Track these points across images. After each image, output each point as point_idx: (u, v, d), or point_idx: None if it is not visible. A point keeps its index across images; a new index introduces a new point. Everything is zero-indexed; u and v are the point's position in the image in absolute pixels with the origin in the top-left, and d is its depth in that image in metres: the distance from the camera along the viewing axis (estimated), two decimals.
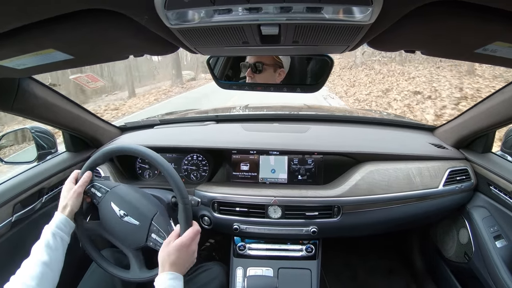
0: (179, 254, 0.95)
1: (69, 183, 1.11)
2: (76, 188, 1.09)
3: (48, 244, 0.95)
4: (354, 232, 1.49)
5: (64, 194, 1.09)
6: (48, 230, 0.99)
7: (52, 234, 0.98)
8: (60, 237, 0.99)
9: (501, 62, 0.74)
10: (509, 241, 1.29)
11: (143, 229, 1.07)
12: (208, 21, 0.54)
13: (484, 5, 0.47)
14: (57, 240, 0.98)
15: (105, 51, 0.77)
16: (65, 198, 1.08)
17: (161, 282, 0.91)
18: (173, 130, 1.69)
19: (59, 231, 1.00)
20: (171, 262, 0.94)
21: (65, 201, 1.07)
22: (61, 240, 0.99)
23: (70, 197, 1.07)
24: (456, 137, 1.51)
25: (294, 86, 1.07)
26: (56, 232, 0.99)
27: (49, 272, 0.91)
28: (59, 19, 0.52)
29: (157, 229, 1.06)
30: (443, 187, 1.38)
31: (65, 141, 1.56)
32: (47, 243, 0.95)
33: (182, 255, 0.96)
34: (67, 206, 1.06)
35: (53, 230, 0.99)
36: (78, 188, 1.09)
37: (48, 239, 0.96)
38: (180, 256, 0.95)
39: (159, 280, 0.92)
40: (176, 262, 0.94)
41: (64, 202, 1.07)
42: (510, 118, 1.19)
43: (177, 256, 0.95)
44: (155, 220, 1.08)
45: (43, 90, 1.18)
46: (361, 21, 0.52)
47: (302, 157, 1.47)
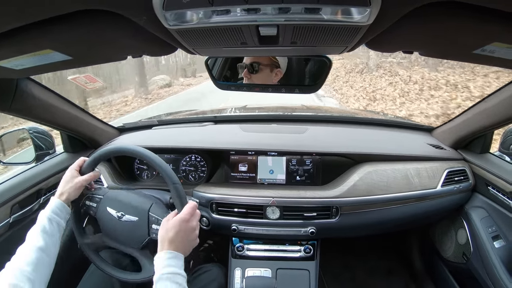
0: (177, 229, 0.93)
1: (72, 170, 1.09)
2: (81, 180, 1.07)
3: (44, 229, 0.93)
4: (352, 233, 1.49)
5: (66, 180, 1.07)
6: (44, 215, 0.97)
7: (48, 219, 0.96)
8: (56, 222, 0.97)
9: (499, 63, 0.75)
10: (507, 242, 1.29)
11: (143, 222, 1.08)
12: (206, 22, 0.54)
13: (482, 6, 0.47)
14: (53, 225, 0.96)
15: (103, 51, 0.77)
16: (66, 184, 1.06)
17: (159, 261, 0.89)
18: (172, 131, 1.69)
19: (55, 216, 0.98)
20: (169, 239, 0.92)
21: (65, 188, 1.05)
22: (57, 225, 0.97)
23: (71, 186, 1.05)
24: (454, 137, 1.51)
25: (292, 87, 1.08)
26: (52, 217, 0.97)
27: (45, 258, 0.89)
28: (57, 19, 0.52)
29: (155, 218, 1.07)
30: (441, 188, 1.38)
31: (63, 142, 1.55)
32: (43, 228, 0.93)
33: (181, 231, 0.93)
34: (65, 193, 1.04)
35: (49, 215, 0.97)
36: (83, 181, 1.08)
37: (44, 224, 0.94)
38: (179, 233, 0.93)
39: (157, 259, 0.90)
40: (174, 239, 0.92)
41: (63, 189, 1.05)
42: (508, 118, 1.19)
43: (176, 232, 0.93)
44: (152, 211, 1.08)
45: (41, 91, 1.18)
46: (359, 22, 0.53)
47: (300, 158, 1.47)
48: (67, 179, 1.07)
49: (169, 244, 0.92)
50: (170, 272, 0.86)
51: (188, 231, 0.95)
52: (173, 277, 0.86)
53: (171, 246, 0.91)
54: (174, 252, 0.91)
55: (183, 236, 0.94)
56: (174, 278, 0.86)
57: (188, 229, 0.95)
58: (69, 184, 1.06)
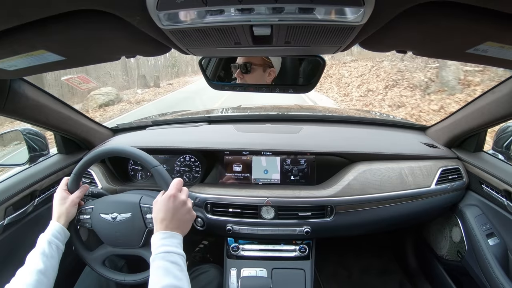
0: (167, 207, 0.94)
1: (61, 191, 1.11)
2: (74, 198, 1.10)
3: (44, 252, 0.95)
4: (347, 232, 1.49)
5: (59, 203, 1.08)
6: (44, 238, 0.99)
7: (48, 242, 0.98)
8: (55, 245, 0.99)
9: (492, 62, 0.75)
10: (501, 239, 1.30)
11: (137, 215, 1.08)
12: (200, 22, 0.54)
13: (475, 6, 0.47)
14: (52, 249, 0.97)
15: (97, 52, 0.77)
16: (60, 206, 1.08)
17: (153, 242, 0.89)
18: (166, 131, 1.69)
19: (55, 239, 1.00)
20: (161, 218, 0.92)
21: (60, 210, 1.07)
22: (57, 248, 0.99)
23: (67, 206, 1.07)
24: (448, 136, 1.52)
25: (286, 86, 1.07)
26: (51, 240, 0.99)
27: (44, 280, 0.91)
28: (51, 20, 0.52)
29: (148, 208, 1.08)
30: (436, 186, 1.39)
31: (57, 143, 1.55)
32: (43, 251, 0.95)
33: (171, 208, 0.94)
34: (62, 215, 1.06)
35: (48, 238, 0.99)
36: (75, 198, 1.10)
37: (44, 247, 0.96)
38: (169, 210, 0.93)
39: (152, 241, 0.90)
40: (166, 217, 0.92)
41: (59, 211, 1.07)
42: (501, 117, 1.19)
43: (166, 210, 0.93)
44: (142, 202, 1.10)
45: (34, 92, 1.17)
46: (353, 22, 0.52)
47: (295, 158, 1.47)
48: (59, 201, 1.09)
49: (161, 224, 0.92)
50: (164, 251, 0.86)
51: (178, 207, 0.96)
52: (167, 256, 0.86)
53: (164, 226, 0.92)
54: (169, 232, 0.91)
55: (174, 212, 0.94)
56: (168, 257, 0.85)
57: (177, 204, 0.96)
58: (63, 205, 1.08)
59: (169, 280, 0.81)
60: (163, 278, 0.81)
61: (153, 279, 0.83)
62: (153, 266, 0.85)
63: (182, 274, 0.84)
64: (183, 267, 0.87)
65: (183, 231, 0.96)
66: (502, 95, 1.14)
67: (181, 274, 0.84)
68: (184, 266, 0.87)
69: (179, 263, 0.86)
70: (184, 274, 0.85)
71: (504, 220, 1.29)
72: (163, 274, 0.82)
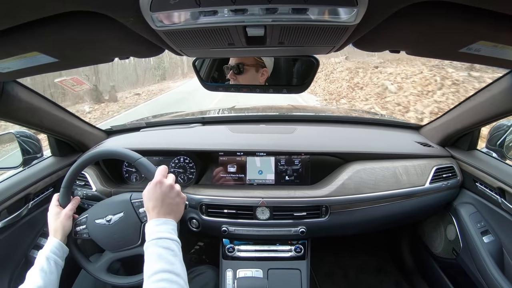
0: (156, 194, 0.94)
1: (53, 207, 1.12)
2: (66, 211, 1.11)
3: (42, 269, 0.95)
4: (342, 231, 1.49)
5: (53, 218, 1.09)
6: (43, 254, 0.99)
7: (46, 258, 0.98)
8: (54, 261, 0.99)
9: (484, 61, 0.76)
10: (496, 236, 1.31)
11: (130, 212, 1.09)
12: (194, 23, 0.54)
13: (468, 5, 0.48)
14: (51, 265, 0.98)
15: (90, 53, 0.77)
16: (55, 221, 1.08)
17: (147, 231, 0.90)
18: (160, 133, 1.68)
19: (53, 255, 1.00)
20: (152, 206, 0.93)
21: (55, 225, 1.07)
22: (55, 264, 0.99)
23: (61, 221, 1.08)
24: (442, 135, 1.52)
25: (280, 87, 1.07)
26: (50, 256, 0.99)
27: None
28: (44, 21, 0.51)
29: (139, 202, 1.08)
30: (430, 185, 1.39)
31: (51, 146, 1.54)
32: (41, 267, 0.95)
33: (160, 194, 0.94)
34: (59, 230, 1.07)
35: (47, 254, 0.99)
36: (68, 211, 1.11)
37: (42, 263, 0.96)
38: (159, 197, 0.94)
39: (146, 230, 0.90)
40: (157, 204, 0.93)
41: (55, 226, 1.07)
42: (495, 115, 1.20)
43: (155, 197, 0.94)
44: (133, 198, 1.11)
45: (27, 94, 1.16)
46: (346, 22, 0.53)
47: (289, 158, 1.47)
48: (53, 217, 1.10)
49: (153, 212, 0.92)
50: (156, 237, 0.86)
51: (166, 191, 0.96)
52: (159, 242, 0.86)
53: (156, 213, 0.92)
54: (162, 219, 0.91)
55: (164, 198, 0.94)
56: (161, 243, 0.85)
57: (165, 189, 0.96)
58: (58, 220, 1.08)
59: (161, 265, 0.80)
60: (155, 264, 0.81)
61: (146, 266, 0.83)
62: (146, 253, 0.85)
63: (176, 259, 0.84)
64: (176, 252, 0.86)
65: (176, 215, 0.96)
66: (495, 93, 1.14)
67: (174, 259, 0.84)
68: (178, 251, 0.87)
69: (172, 248, 0.86)
70: (178, 259, 0.85)
71: (498, 218, 1.29)
72: (155, 260, 0.82)
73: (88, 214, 1.13)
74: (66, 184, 1.13)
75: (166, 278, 0.78)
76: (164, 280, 0.78)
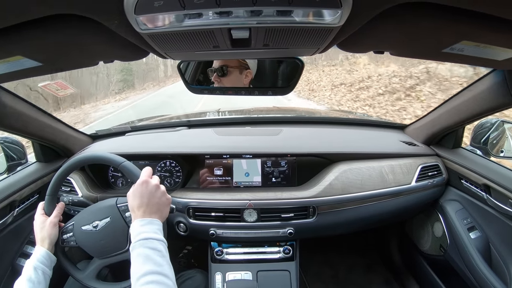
0: (141, 194, 0.93)
1: (39, 216, 1.10)
2: (52, 219, 1.08)
3: (30, 279, 0.93)
4: (330, 232, 1.50)
5: (39, 227, 1.07)
6: (30, 264, 0.97)
7: (34, 268, 0.96)
8: (41, 270, 0.97)
9: (467, 60, 0.77)
10: (482, 232, 1.33)
11: (117, 217, 1.08)
12: (178, 26, 0.53)
13: (451, 6, 0.48)
14: (39, 274, 0.96)
15: (74, 57, 0.76)
16: (41, 230, 1.06)
17: (132, 231, 0.88)
18: (145, 137, 1.66)
19: (41, 264, 0.98)
20: (137, 206, 0.92)
21: (42, 234, 1.06)
22: (43, 273, 0.97)
23: (47, 229, 1.06)
24: (427, 134, 1.54)
25: (265, 89, 1.07)
26: (37, 265, 0.97)
27: None
28: (28, 25, 0.51)
29: (125, 206, 1.07)
30: (416, 183, 1.41)
31: (35, 151, 1.51)
32: (29, 277, 0.94)
33: (145, 193, 0.93)
34: (45, 238, 1.05)
35: (34, 264, 0.97)
36: (53, 219, 1.09)
37: (30, 273, 0.95)
38: (144, 196, 0.93)
39: (131, 230, 0.89)
40: (142, 204, 0.92)
41: (41, 235, 1.06)
42: (478, 114, 1.22)
43: (140, 196, 0.92)
44: (119, 202, 1.10)
45: (11, 99, 1.15)
46: (330, 24, 0.53)
47: (275, 160, 1.47)
48: (39, 225, 1.08)
49: (138, 211, 0.91)
50: (143, 238, 0.85)
51: (152, 191, 0.95)
52: (146, 243, 0.84)
53: (141, 213, 0.91)
54: (147, 219, 0.90)
55: (149, 197, 0.93)
56: (147, 244, 0.84)
57: (150, 189, 0.95)
58: (44, 229, 1.07)
59: (149, 267, 0.79)
60: (143, 266, 0.80)
61: (133, 268, 0.81)
62: (133, 254, 0.83)
63: (163, 260, 0.83)
64: (164, 252, 0.85)
65: (162, 215, 0.95)
66: (479, 92, 1.16)
67: (162, 260, 0.82)
68: (165, 252, 0.86)
69: (159, 249, 0.85)
70: (166, 260, 0.83)
71: (484, 214, 1.31)
72: (142, 262, 0.80)
73: (75, 221, 1.12)
74: (51, 191, 1.11)
75: (155, 280, 0.77)
76: (153, 283, 0.76)
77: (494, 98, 1.09)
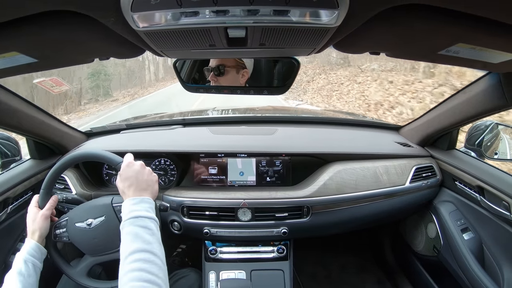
0: (129, 174, 0.94)
1: (32, 208, 1.09)
2: (44, 211, 1.07)
3: (20, 272, 0.92)
4: (324, 232, 1.50)
5: (31, 219, 1.06)
6: (20, 257, 0.96)
7: (24, 261, 0.95)
8: (32, 263, 0.96)
9: (463, 63, 0.77)
10: (476, 233, 1.33)
11: (111, 216, 1.08)
12: (175, 24, 0.53)
13: (447, 8, 0.48)
14: (29, 267, 0.95)
15: (70, 54, 0.76)
16: (33, 222, 1.05)
17: (123, 208, 0.89)
18: (140, 135, 1.66)
19: (31, 257, 0.97)
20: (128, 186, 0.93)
21: (33, 226, 1.04)
22: (33, 266, 0.96)
23: (38, 222, 1.05)
24: (421, 135, 1.55)
25: (260, 88, 1.07)
26: (27, 258, 0.96)
27: None
28: (23, 21, 0.50)
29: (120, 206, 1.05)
30: (410, 184, 1.41)
31: (30, 148, 1.50)
32: (19, 270, 0.93)
33: (133, 173, 0.94)
34: (36, 231, 1.04)
35: (24, 257, 0.96)
36: (45, 211, 1.08)
37: (20, 266, 0.93)
38: (132, 176, 0.94)
39: (123, 207, 0.89)
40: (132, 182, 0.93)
41: (33, 228, 1.04)
42: (473, 116, 1.22)
43: (128, 177, 0.94)
44: (114, 202, 1.10)
45: (5, 95, 1.14)
46: (327, 24, 0.53)
47: (270, 159, 1.47)
48: (32, 217, 1.07)
49: (128, 191, 0.92)
50: (133, 216, 0.85)
51: (138, 169, 0.96)
52: (136, 221, 0.84)
53: (132, 191, 0.92)
54: (138, 198, 0.90)
55: (138, 175, 0.95)
56: (138, 222, 0.84)
57: (137, 167, 0.96)
58: (36, 221, 1.05)
59: (138, 245, 0.78)
60: (131, 244, 0.79)
61: (122, 246, 0.80)
62: (122, 233, 0.83)
63: (153, 238, 0.82)
64: (154, 231, 0.84)
65: (153, 193, 0.96)
66: (474, 94, 1.16)
67: (152, 238, 0.82)
68: (156, 230, 0.85)
69: (150, 227, 0.84)
70: (156, 238, 0.83)
71: (478, 215, 1.32)
72: (131, 240, 0.80)
73: (68, 217, 1.11)
74: (46, 185, 1.10)
75: (143, 258, 0.76)
76: (140, 260, 0.75)
77: (489, 101, 1.10)
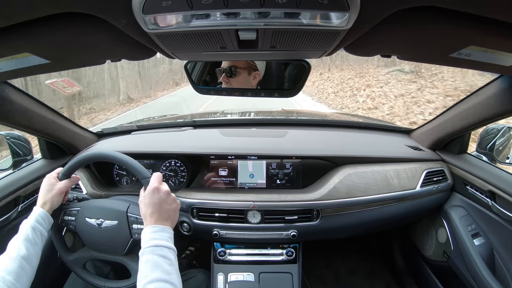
0: (153, 200, 0.93)
1: (50, 178, 1.08)
2: (61, 186, 1.07)
3: (28, 238, 0.92)
4: (334, 235, 1.49)
5: (46, 189, 1.05)
6: (28, 224, 0.95)
7: (32, 228, 0.94)
8: (39, 231, 0.96)
9: (474, 66, 0.77)
10: (486, 239, 1.32)
11: (123, 224, 1.08)
12: (186, 26, 0.54)
13: (458, 11, 0.48)
14: (36, 235, 0.94)
15: (82, 55, 0.76)
16: (46, 193, 1.04)
17: (143, 236, 0.88)
18: (151, 136, 1.67)
19: (39, 225, 0.97)
20: (150, 213, 0.92)
21: (46, 197, 1.04)
22: (40, 235, 0.96)
23: (52, 194, 1.04)
24: (432, 139, 1.54)
25: (271, 91, 1.07)
26: (35, 226, 0.95)
27: (27, 267, 0.88)
28: (36, 22, 0.51)
29: (135, 218, 1.07)
30: (421, 188, 1.40)
31: (41, 148, 1.52)
32: (26, 237, 0.92)
33: (157, 199, 0.94)
34: (48, 202, 1.03)
35: (32, 224, 0.95)
36: (63, 187, 1.07)
37: (28, 233, 0.93)
38: (156, 203, 0.93)
39: (142, 235, 0.89)
40: (155, 210, 0.92)
41: (45, 198, 1.03)
42: (485, 119, 1.21)
43: (153, 203, 0.93)
44: (130, 211, 1.09)
45: (18, 95, 1.15)
46: (338, 27, 0.53)
47: (280, 162, 1.47)
48: (47, 187, 1.06)
49: (151, 218, 0.91)
50: (153, 245, 0.85)
51: (163, 197, 0.95)
52: (156, 250, 0.84)
53: (154, 219, 0.91)
54: (159, 226, 0.90)
55: (161, 203, 0.94)
56: (158, 251, 0.84)
57: (162, 196, 0.95)
58: (50, 192, 1.05)
59: (157, 274, 0.79)
60: (151, 273, 0.79)
61: (141, 273, 0.81)
62: (141, 260, 0.83)
63: (172, 268, 0.82)
64: (173, 261, 0.85)
65: (173, 222, 0.96)
66: (485, 98, 1.15)
67: (171, 268, 0.82)
68: (175, 261, 0.86)
69: (169, 257, 0.84)
70: (175, 269, 0.83)
71: (489, 220, 1.30)
72: (151, 268, 0.80)
73: (80, 208, 1.12)
74: (71, 165, 1.10)
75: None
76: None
77: (501, 104, 1.09)
